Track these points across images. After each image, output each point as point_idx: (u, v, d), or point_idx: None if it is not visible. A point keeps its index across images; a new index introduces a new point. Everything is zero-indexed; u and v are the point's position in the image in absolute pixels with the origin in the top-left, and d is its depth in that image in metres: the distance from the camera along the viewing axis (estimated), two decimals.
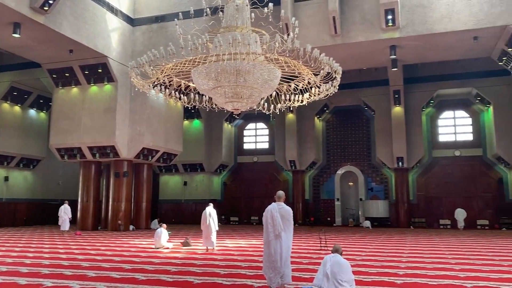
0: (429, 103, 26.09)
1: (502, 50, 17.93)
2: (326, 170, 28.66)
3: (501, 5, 16.35)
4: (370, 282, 7.15)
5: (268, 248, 6.20)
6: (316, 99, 11.36)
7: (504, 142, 23.23)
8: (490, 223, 24.19)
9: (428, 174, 26.21)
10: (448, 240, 15.63)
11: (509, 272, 8.18)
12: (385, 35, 17.71)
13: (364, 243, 14.61)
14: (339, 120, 28.90)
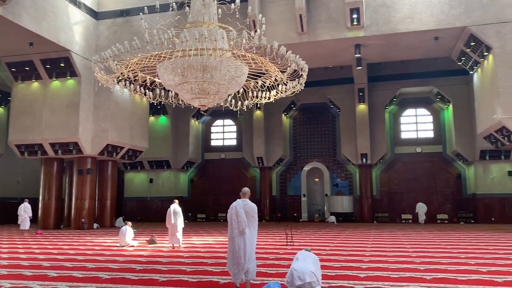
0: (392, 101, 26.78)
1: (461, 50, 18.63)
2: (293, 167, 28.95)
3: (460, 7, 16.98)
4: (334, 276, 7.30)
5: (232, 245, 6.22)
6: (283, 96, 11.46)
7: (462, 139, 24.17)
8: (449, 217, 25.13)
9: (391, 170, 26.94)
10: (409, 234, 16.14)
11: (466, 264, 8.54)
12: (350, 34, 18.05)
13: (329, 238, 14.88)
14: (305, 117, 29.23)
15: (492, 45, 16.47)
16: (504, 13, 16.51)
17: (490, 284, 6.49)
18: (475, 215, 24.12)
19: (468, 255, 9.94)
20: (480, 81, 18.30)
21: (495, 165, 23.64)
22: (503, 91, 16.04)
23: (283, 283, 6.24)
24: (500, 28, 16.46)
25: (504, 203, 23.32)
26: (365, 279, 7.02)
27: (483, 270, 7.78)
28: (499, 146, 18.45)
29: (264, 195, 27.76)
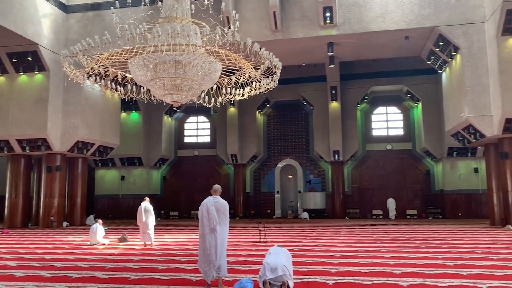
0: (363, 99, 27.22)
1: (430, 49, 19.09)
2: (267, 164, 29.06)
3: (429, 7, 17.38)
4: (306, 271, 7.38)
5: (203, 242, 6.20)
6: (257, 93, 11.48)
7: (431, 136, 24.82)
8: (418, 213, 25.78)
9: (362, 167, 27.41)
10: (380, 230, 16.47)
11: (434, 258, 8.77)
12: (323, 32, 18.22)
13: (301, 234, 15.01)
14: (279, 114, 29.37)
15: (460, 45, 16.95)
16: (470, 15, 17.00)
17: (456, 277, 6.70)
18: (443, 211, 24.83)
19: (436, 249, 10.22)
20: (448, 80, 18.81)
21: (462, 162, 24.39)
22: (470, 90, 16.54)
23: (255, 279, 6.26)
24: (467, 29, 16.95)
25: (470, 198, 24.11)
26: (336, 274, 7.12)
27: (449, 264, 8.02)
28: (465, 144, 19.03)
29: (238, 192, 27.77)
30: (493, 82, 16.12)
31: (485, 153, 18.85)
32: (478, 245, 10.91)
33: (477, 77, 16.56)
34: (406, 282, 6.37)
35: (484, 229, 16.05)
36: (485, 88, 16.41)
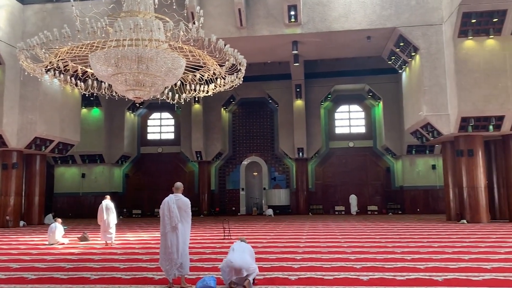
0: (327, 97, 27.65)
1: (391, 50, 19.59)
2: (232, 161, 29.03)
3: (391, 8, 17.83)
4: (270, 268, 7.44)
5: (164, 240, 6.15)
6: (222, 90, 11.42)
7: (391, 134, 25.54)
8: (379, 209, 26.49)
9: (325, 164, 27.87)
10: (342, 225, 16.82)
11: (393, 253, 9.05)
12: (288, 31, 18.34)
13: (266, 230, 15.12)
14: (245, 111, 29.38)
15: (419, 46, 17.49)
16: (429, 16, 17.57)
17: (413, 271, 6.94)
18: (402, 206, 25.62)
19: (395, 244, 10.54)
20: (408, 79, 19.39)
21: (421, 159, 25.24)
22: (428, 90, 17.11)
23: (219, 277, 6.26)
24: (426, 30, 17.52)
25: (428, 194, 24.99)
26: (299, 269, 7.22)
27: (407, 258, 8.29)
28: (424, 142, 19.69)
29: (202, 190, 27.61)
30: (450, 82, 16.74)
31: (442, 150, 19.58)
32: (435, 239, 11.33)
33: (435, 77, 17.15)
34: (366, 276, 6.54)
35: (440, 224, 16.69)
36: (442, 88, 17.03)
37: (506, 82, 15.95)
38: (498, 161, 18.15)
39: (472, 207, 16.83)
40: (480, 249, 9.31)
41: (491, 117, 16.14)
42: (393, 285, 5.95)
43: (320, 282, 6.20)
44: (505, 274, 6.52)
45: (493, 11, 15.54)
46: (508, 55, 16.08)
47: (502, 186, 17.79)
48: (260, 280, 6.39)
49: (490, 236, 11.85)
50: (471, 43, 16.31)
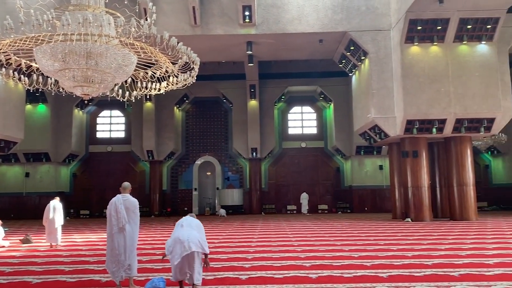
0: (280, 98, 27.99)
1: (342, 53, 20.14)
2: (185, 160, 28.71)
3: (342, 12, 18.32)
4: (221, 268, 7.43)
5: (111, 242, 5.99)
6: (174, 88, 11.25)
7: (341, 135, 26.25)
8: (329, 208, 27.15)
9: (278, 164, 28.21)
10: (293, 224, 17.08)
11: (341, 251, 9.31)
12: (242, 31, 18.39)
13: (218, 230, 15.08)
14: (198, 110, 29.14)
15: (368, 51, 18.10)
16: (378, 22, 18.22)
17: (360, 268, 7.16)
18: (351, 205, 26.41)
19: (343, 242, 10.84)
20: (358, 83, 20.01)
21: (369, 159, 26.12)
22: (376, 93, 17.74)
23: (168, 278, 6.17)
24: (375, 35, 18.14)
25: (375, 194, 25.92)
26: (250, 269, 7.26)
27: (355, 255, 8.55)
28: (372, 143, 20.40)
29: (154, 190, 27.09)
30: (397, 86, 17.44)
31: (389, 151, 20.37)
32: (381, 237, 11.77)
33: (383, 81, 17.81)
34: (315, 274, 6.68)
35: (387, 222, 17.35)
36: (389, 91, 17.71)
37: (448, 87, 16.83)
38: (441, 162, 19.12)
39: (416, 206, 17.61)
40: (422, 246, 9.76)
41: (434, 120, 16.97)
42: (341, 282, 6.12)
43: (270, 281, 6.26)
44: (445, 270, 6.88)
45: (437, 19, 16.36)
46: (450, 61, 16.97)
47: (444, 186, 18.76)
48: (211, 280, 6.37)
49: (432, 234, 12.46)
50: (417, 49, 17.08)
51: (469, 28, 16.53)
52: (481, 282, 5.90)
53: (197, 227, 5.85)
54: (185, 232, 5.63)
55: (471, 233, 12.39)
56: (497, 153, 26.03)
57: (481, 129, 17.12)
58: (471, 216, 17.24)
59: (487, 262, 7.48)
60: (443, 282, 5.98)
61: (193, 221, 5.90)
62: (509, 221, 16.73)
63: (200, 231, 5.82)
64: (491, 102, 16.74)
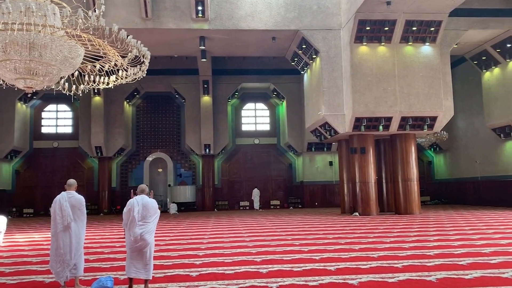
0: (234, 95, 27.99)
1: (294, 51, 20.41)
2: (135, 157, 28.06)
3: (294, 11, 18.56)
4: (171, 265, 7.35)
5: (56, 241, 5.75)
6: (124, 82, 10.95)
7: (293, 132, 26.66)
8: (281, 203, 27.53)
9: (232, 160, 28.22)
10: (245, 220, 17.18)
11: (291, 245, 9.47)
12: (195, 25, 18.19)
13: (169, 228, 14.89)
14: (150, 106, 28.56)
15: (320, 49, 18.46)
16: (329, 21, 18.62)
17: (309, 262, 7.33)
18: (302, 201, 26.91)
19: (294, 237, 11.04)
20: (309, 81, 20.37)
21: (319, 156, 26.70)
22: (326, 91, 18.14)
23: (116, 277, 6.04)
24: (326, 34, 18.54)
25: (325, 189, 26.55)
26: (200, 266, 7.23)
27: (305, 250, 8.74)
28: (322, 139, 20.87)
29: (102, 187, 26.28)
30: (346, 84, 17.93)
31: (338, 148, 20.91)
32: (330, 232, 12.09)
33: (333, 79, 18.24)
34: (265, 269, 6.76)
35: (336, 217, 17.84)
36: (339, 89, 18.17)
37: (394, 86, 17.50)
38: (387, 158, 19.88)
39: (363, 200, 18.23)
40: (369, 240, 10.13)
41: (381, 118, 17.61)
42: (290, 276, 6.23)
43: (221, 277, 6.28)
44: (389, 262, 7.18)
45: (385, 20, 16.96)
46: (396, 62, 17.66)
47: (390, 181, 19.53)
48: (160, 278, 6.29)
49: (378, 227, 12.95)
50: (366, 49, 17.63)
51: (414, 29, 17.27)
52: (422, 273, 6.21)
53: (146, 207, 5.68)
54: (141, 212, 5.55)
55: (415, 226, 13.00)
56: (439, 150, 27.42)
57: (424, 127, 17.96)
58: (415, 210, 18.08)
59: (428, 254, 7.88)
60: (388, 273, 6.24)
61: (146, 202, 5.71)
62: (450, 214, 17.70)
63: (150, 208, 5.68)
64: (434, 101, 17.60)
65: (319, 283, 5.73)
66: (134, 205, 5.61)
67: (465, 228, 12.18)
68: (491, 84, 21.37)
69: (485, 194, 22.80)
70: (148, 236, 5.55)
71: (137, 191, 5.88)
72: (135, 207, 5.60)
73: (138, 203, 5.64)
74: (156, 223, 5.85)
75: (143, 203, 5.66)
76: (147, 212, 5.64)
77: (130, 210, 5.59)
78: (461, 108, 23.73)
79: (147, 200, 5.71)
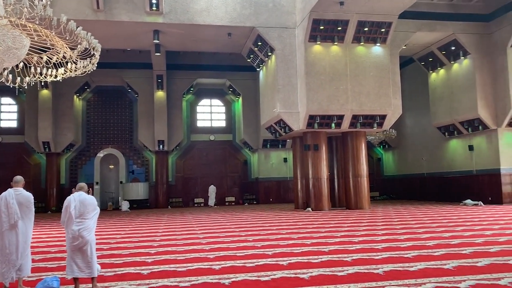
0: (189, 90, 27.69)
1: (250, 48, 20.47)
2: (86, 153, 27.15)
3: (250, 8, 18.60)
4: (122, 264, 7.18)
5: (1, 240, 5.47)
6: (73, 75, 10.57)
7: (249, 129, 26.77)
8: (236, 200, 27.59)
9: (186, 157, 27.94)
10: (200, 217, 17.09)
11: (245, 241, 9.52)
12: (148, 19, 17.82)
13: (121, 226, 14.55)
14: (101, 100, 27.69)
15: (275, 47, 18.62)
16: (284, 20, 18.82)
17: (262, 257, 7.39)
18: (257, 197, 27.11)
19: (248, 233, 11.10)
20: (265, 78, 20.51)
21: (274, 152, 26.98)
22: (282, 89, 18.35)
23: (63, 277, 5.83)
24: (281, 32, 18.73)
25: (280, 185, 26.88)
26: (152, 263, 7.12)
27: (258, 245, 8.81)
28: (277, 136, 21.10)
29: (50, 184, 25.24)
30: (300, 82, 18.21)
31: (293, 145, 21.24)
32: (283, 227, 12.26)
33: (288, 77, 18.47)
34: (218, 266, 6.76)
35: (289, 212, 18.11)
36: (294, 87, 18.43)
37: (346, 85, 17.97)
38: (339, 155, 20.39)
39: (316, 196, 18.62)
40: (321, 234, 10.36)
41: (333, 115, 18.04)
42: (243, 272, 6.26)
43: (173, 274, 6.21)
44: (339, 256, 7.38)
45: (338, 20, 17.36)
46: (349, 61, 18.13)
47: (341, 177, 20.06)
48: (110, 276, 6.13)
49: (330, 222, 13.28)
50: (319, 48, 17.97)
51: (366, 30, 17.80)
52: (370, 266, 6.43)
53: (84, 204, 5.53)
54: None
55: (364, 221, 13.44)
56: (388, 147, 28.48)
57: (374, 125, 18.58)
58: (364, 205, 18.68)
59: (376, 247, 8.16)
60: (337, 267, 6.41)
61: (84, 198, 5.54)
62: (397, 209, 18.44)
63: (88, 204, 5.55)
64: (384, 100, 18.23)
65: (271, 278, 5.80)
66: (71, 201, 5.46)
67: (411, 222, 12.73)
68: (436, 85, 22.43)
69: (430, 190, 23.94)
70: (86, 233, 5.40)
71: (76, 189, 5.71)
72: (72, 203, 5.44)
73: (75, 199, 5.49)
74: (96, 221, 5.71)
75: (80, 200, 5.50)
76: (85, 208, 5.49)
77: (67, 207, 5.43)
78: (409, 107, 24.74)
79: (85, 197, 5.56)
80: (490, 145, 19.80)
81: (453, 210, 16.86)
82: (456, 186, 21.58)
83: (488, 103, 19.64)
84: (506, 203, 18.99)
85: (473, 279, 5.41)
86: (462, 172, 21.38)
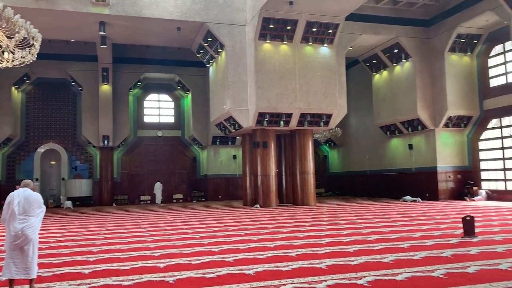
0: (136, 85, 27.01)
1: (200, 44, 20.29)
2: (25, 148, 25.76)
3: (201, 3, 18.43)
4: (61, 263, 6.91)
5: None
6: (10, 66, 10.01)
7: (198, 125, 26.54)
8: (184, 197, 27.30)
9: (133, 153, 27.26)
10: (146, 215, 16.76)
11: (192, 239, 9.46)
12: (94, 10, 17.20)
13: (62, 224, 13.99)
14: (42, 93, 26.37)
15: (225, 44, 18.57)
16: (235, 17, 18.82)
17: (208, 254, 7.39)
18: (206, 194, 26.97)
19: (195, 230, 11.04)
20: (215, 74, 20.42)
21: (224, 149, 26.94)
22: (232, 86, 18.35)
23: None
24: (232, 29, 18.71)
25: (229, 182, 26.88)
26: (94, 262, 6.90)
27: (205, 242, 8.79)
28: (227, 133, 21.09)
29: None
30: (250, 80, 18.30)
31: (242, 142, 21.31)
32: (231, 224, 12.30)
33: (238, 74, 18.50)
34: (163, 263, 6.67)
35: (237, 209, 18.18)
36: (244, 84, 18.49)
37: (295, 84, 18.28)
38: (287, 153, 20.73)
39: (264, 192, 18.83)
40: (267, 230, 10.50)
41: (282, 114, 18.30)
42: (188, 269, 6.22)
43: (116, 273, 6.05)
44: (285, 251, 7.52)
45: (287, 20, 17.60)
46: (297, 60, 18.44)
47: (289, 174, 20.40)
48: (48, 277, 5.88)
49: (277, 218, 13.49)
50: (269, 46, 18.14)
51: (314, 31, 18.17)
52: (314, 260, 6.61)
53: (28, 200, 5.27)
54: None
55: (310, 217, 13.76)
56: (334, 145, 29.30)
57: (321, 124, 19.05)
58: (310, 201, 19.13)
59: (320, 242, 8.40)
60: (282, 262, 6.53)
61: (28, 194, 5.27)
62: (341, 205, 19.04)
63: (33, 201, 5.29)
64: (330, 100, 18.72)
65: (217, 275, 5.81)
66: (14, 197, 5.17)
67: (354, 218, 13.20)
68: (380, 86, 23.35)
69: (372, 186, 24.92)
70: (30, 231, 5.14)
71: (21, 185, 5.41)
72: (15, 199, 5.16)
73: (19, 195, 5.20)
74: (41, 219, 5.43)
75: (25, 196, 5.22)
76: (30, 205, 5.21)
77: (10, 203, 5.14)
78: (353, 107, 25.58)
79: (30, 193, 5.28)
80: (428, 144, 20.91)
81: (393, 206, 17.66)
82: (397, 183, 22.61)
83: (427, 105, 20.70)
84: (441, 199, 20.15)
85: (409, 271, 5.71)
86: (402, 170, 22.43)
